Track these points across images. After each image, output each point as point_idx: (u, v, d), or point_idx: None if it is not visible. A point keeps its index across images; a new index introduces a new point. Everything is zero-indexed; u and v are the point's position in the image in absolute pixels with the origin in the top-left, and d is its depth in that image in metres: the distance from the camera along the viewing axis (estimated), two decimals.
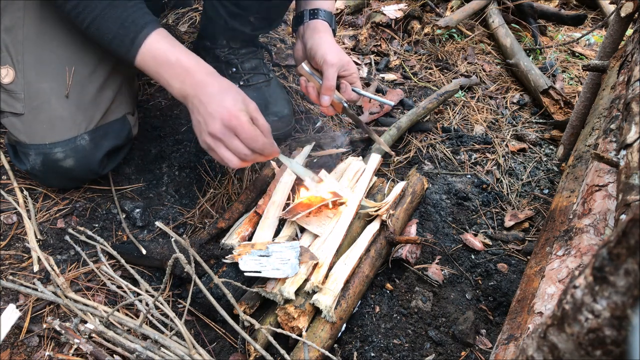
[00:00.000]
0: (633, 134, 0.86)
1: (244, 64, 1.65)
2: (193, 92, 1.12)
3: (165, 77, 1.13)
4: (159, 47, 1.12)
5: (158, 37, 1.12)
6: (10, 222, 1.27)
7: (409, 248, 1.38)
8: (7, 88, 1.21)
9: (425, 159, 1.81)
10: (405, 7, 2.59)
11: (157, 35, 1.12)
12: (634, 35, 1.41)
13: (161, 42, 1.12)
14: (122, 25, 1.10)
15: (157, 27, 1.13)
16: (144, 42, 1.11)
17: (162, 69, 1.12)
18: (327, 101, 1.33)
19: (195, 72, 1.12)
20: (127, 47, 1.11)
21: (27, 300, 1.12)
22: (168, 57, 1.12)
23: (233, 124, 1.08)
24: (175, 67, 1.12)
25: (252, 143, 1.10)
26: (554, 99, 2.13)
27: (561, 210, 1.29)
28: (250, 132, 1.09)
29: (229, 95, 1.11)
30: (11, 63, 1.20)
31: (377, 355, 1.16)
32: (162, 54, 1.12)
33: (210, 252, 1.23)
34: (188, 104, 1.14)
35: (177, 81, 1.12)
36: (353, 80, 1.37)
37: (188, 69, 1.12)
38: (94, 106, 1.25)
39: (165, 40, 1.13)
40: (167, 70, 1.12)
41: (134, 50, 1.11)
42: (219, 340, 1.16)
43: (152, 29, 1.12)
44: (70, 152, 1.23)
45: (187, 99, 1.13)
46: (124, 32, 1.10)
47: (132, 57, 1.12)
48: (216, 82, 1.13)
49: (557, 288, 0.95)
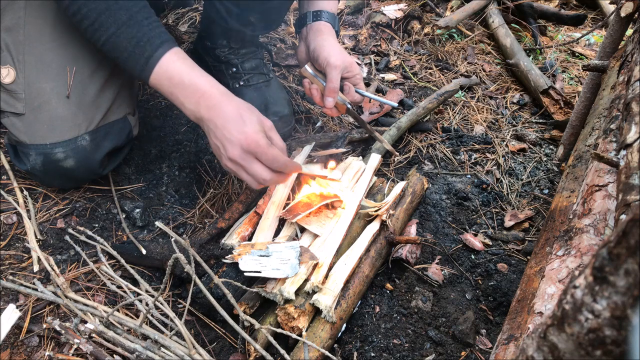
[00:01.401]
0: (633, 134, 0.86)
1: (244, 63, 1.65)
2: (208, 116, 1.10)
3: (180, 98, 1.12)
4: (174, 68, 1.11)
5: (174, 57, 1.11)
6: (10, 222, 1.27)
7: (409, 248, 1.38)
8: (7, 88, 1.21)
9: (425, 159, 1.81)
10: (405, 7, 2.59)
11: (172, 55, 1.11)
12: (634, 35, 1.41)
13: (176, 63, 1.11)
14: (138, 44, 1.08)
15: (172, 46, 1.12)
16: (159, 62, 1.09)
17: (177, 90, 1.11)
18: (331, 103, 1.33)
19: (209, 95, 1.11)
20: (142, 67, 1.10)
21: (27, 300, 1.12)
22: (182, 78, 1.10)
23: (252, 148, 1.08)
24: (190, 89, 1.10)
25: (274, 164, 1.10)
26: (554, 99, 2.13)
27: (561, 210, 1.29)
28: (271, 154, 1.09)
29: (245, 118, 1.09)
30: (12, 63, 1.20)
31: (377, 355, 1.16)
32: (177, 75, 1.10)
33: (210, 252, 1.23)
34: (203, 126, 1.13)
35: (192, 103, 1.11)
36: (356, 82, 1.37)
37: (203, 91, 1.11)
38: (94, 106, 1.25)
39: (181, 61, 1.12)
40: (181, 92, 1.11)
41: (149, 69, 1.10)
42: (219, 340, 1.16)
43: (167, 48, 1.10)
44: (71, 153, 1.23)
45: (202, 121, 1.12)
46: (139, 51, 1.09)
47: (147, 77, 1.11)
48: (231, 103, 1.11)
49: (557, 288, 0.95)
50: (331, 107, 1.34)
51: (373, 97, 1.40)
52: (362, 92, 1.37)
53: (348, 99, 1.35)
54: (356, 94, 1.36)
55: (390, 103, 1.43)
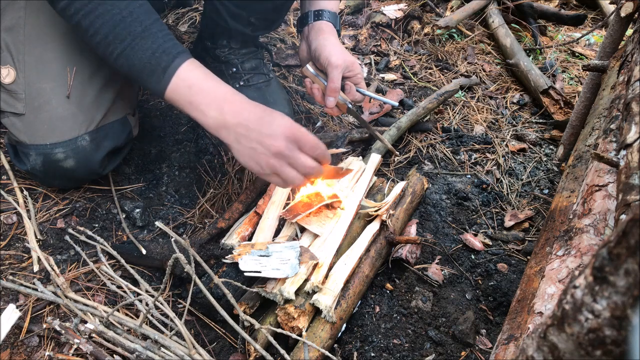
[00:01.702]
0: (633, 134, 0.86)
1: (244, 64, 1.65)
2: (235, 121, 1.06)
3: (201, 106, 1.07)
4: (194, 76, 1.07)
5: (191, 66, 1.08)
6: (10, 222, 1.27)
7: (409, 248, 1.38)
8: (8, 88, 1.21)
9: (425, 159, 1.81)
10: (405, 7, 2.59)
11: (190, 64, 1.08)
12: (634, 35, 1.41)
13: (195, 72, 1.08)
14: (153, 55, 1.05)
15: (189, 56, 1.09)
16: (177, 71, 1.06)
17: (198, 98, 1.07)
18: (332, 102, 1.32)
19: (233, 100, 1.08)
20: (159, 77, 1.06)
21: (27, 300, 1.12)
22: (202, 86, 1.07)
23: (297, 136, 1.05)
24: (212, 96, 1.07)
25: (316, 150, 1.07)
26: (554, 99, 2.13)
27: (561, 210, 1.29)
28: (313, 139, 1.07)
29: (275, 114, 1.08)
30: (12, 63, 1.20)
31: (377, 355, 1.16)
32: (197, 83, 1.07)
33: (210, 252, 1.23)
34: (230, 134, 1.07)
35: (215, 110, 1.06)
36: (357, 81, 1.37)
37: (225, 97, 1.08)
38: (95, 107, 1.25)
39: (199, 70, 1.09)
40: (203, 99, 1.07)
41: (167, 79, 1.06)
42: (219, 340, 1.16)
43: (185, 58, 1.08)
44: (71, 153, 1.23)
45: (228, 128, 1.07)
46: (156, 61, 1.05)
47: (164, 87, 1.07)
48: (257, 106, 1.09)
49: (557, 288, 0.95)
50: (332, 107, 1.33)
51: (374, 96, 1.40)
52: (363, 91, 1.37)
53: (349, 98, 1.36)
54: (357, 93, 1.36)
55: (390, 102, 1.44)
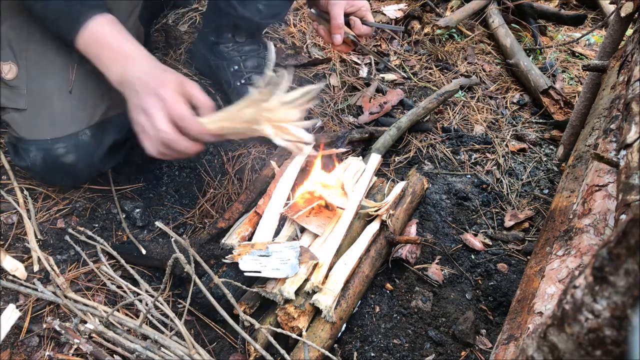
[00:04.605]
0: (633, 134, 0.86)
1: (246, 62, 1.66)
2: (131, 76, 1.08)
3: (105, 60, 1.11)
4: (103, 31, 1.10)
5: (104, 20, 1.11)
6: (10, 222, 1.27)
7: (409, 248, 1.38)
8: (10, 84, 1.20)
9: (425, 159, 1.81)
10: (405, 7, 2.59)
11: (102, 18, 1.11)
12: (634, 35, 1.41)
13: (105, 26, 1.11)
14: (69, 4, 1.09)
15: (103, 11, 1.12)
16: (89, 23, 1.09)
17: (104, 52, 1.10)
18: (338, 40, 1.35)
19: (135, 57, 1.10)
20: (70, 27, 1.09)
21: (27, 300, 1.12)
22: (110, 41, 1.10)
23: (161, 93, 1.04)
24: (117, 52, 1.10)
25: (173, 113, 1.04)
26: (554, 99, 2.13)
27: (561, 210, 1.29)
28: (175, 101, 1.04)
29: (165, 71, 1.09)
30: (14, 59, 1.20)
31: (377, 355, 1.16)
32: (105, 38, 1.10)
33: (210, 252, 1.23)
34: (126, 89, 1.10)
35: (117, 65, 1.10)
36: (362, 14, 1.38)
37: (131, 55, 1.10)
38: (96, 101, 1.25)
39: (111, 25, 1.11)
40: (108, 55, 1.10)
41: (77, 29, 1.09)
42: (219, 340, 1.16)
43: (98, 12, 1.10)
44: (72, 148, 1.22)
45: (125, 84, 1.10)
46: (69, 10, 1.09)
47: (74, 37, 1.10)
48: (156, 66, 1.11)
49: (557, 288, 0.95)
50: (339, 44, 1.36)
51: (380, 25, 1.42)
52: (369, 22, 1.39)
53: (355, 32, 1.37)
54: (363, 26, 1.38)
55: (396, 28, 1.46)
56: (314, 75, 2.06)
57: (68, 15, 1.10)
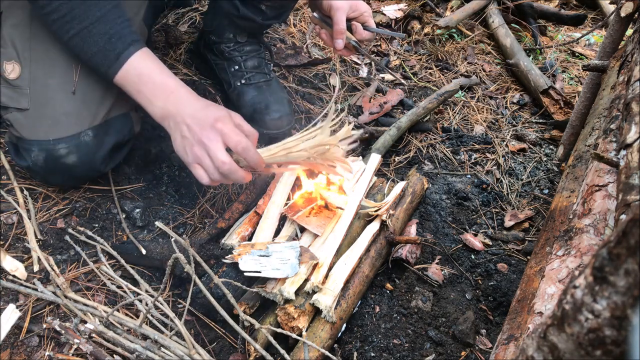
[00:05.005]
0: (633, 134, 0.86)
1: (247, 62, 1.66)
2: (176, 110, 1.12)
3: (148, 95, 1.13)
4: (145, 66, 1.13)
5: (144, 55, 1.13)
6: (10, 222, 1.27)
7: (409, 248, 1.38)
8: (12, 83, 1.20)
9: (425, 159, 1.81)
10: (405, 7, 2.59)
11: (142, 53, 1.13)
12: (634, 35, 1.41)
13: (147, 61, 1.13)
14: (109, 40, 1.10)
15: (143, 45, 1.14)
16: (130, 58, 1.11)
17: (146, 87, 1.13)
18: (340, 45, 1.37)
19: (178, 92, 1.14)
20: (111, 62, 1.12)
21: (27, 300, 1.12)
22: (152, 76, 1.13)
23: (220, 127, 1.09)
24: (159, 86, 1.13)
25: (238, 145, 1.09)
26: (554, 99, 2.13)
27: (561, 210, 1.29)
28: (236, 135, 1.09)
29: (212, 106, 1.13)
30: (17, 58, 1.20)
31: (377, 355, 1.16)
32: (147, 72, 1.13)
33: (210, 252, 1.23)
34: (170, 122, 1.14)
35: (160, 100, 1.13)
36: (364, 19, 1.40)
37: (173, 89, 1.13)
38: (98, 102, 1.25)
39: (150, 60, 1.14)
40: (151, 89, 1.13)
41: (118, 66, 1.12)
42: (219, 340, 1.16)
43: (138, 47, 1.13)
44: (74, 148, 1.22)
45: (169, 118, 1.14)
46: (110, 47, 1.10)
47: (114, 73, 1.12)
48: (198, 99, 1.15)
49: (557, 288, 0.95)
50: (341, 48, 1.38)
51: (380, 31, 1.43)
52: (371, 28, 1.40)
53: (356, 38, 1.39)
54: (365, 31, 1.40)
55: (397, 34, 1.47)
56: (314, 75, 2.06)
57: (108, 52, 1.11)
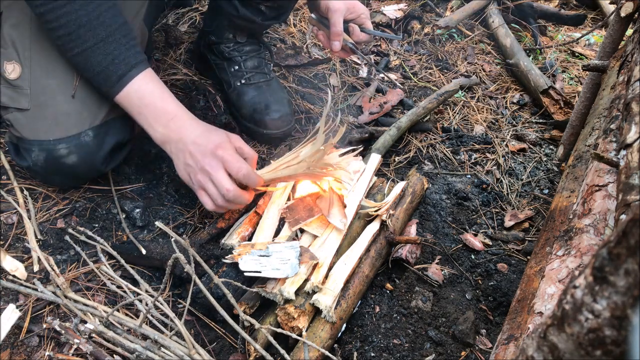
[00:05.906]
0: (633, 134, 0.86)
1: (247, 62, 1.66)
2: (177, 136, 1.13)
3: (149, 119, 1.14)
4: (146, 89, 1.14)
5: (147, 78, 1.14)
6: (10, 222, 1.27)
7: (409, 248, 1.38)
8: (13, 84, 1.20)
9: (425, 159, 1.81)
10: (405, 7, 2.59)
11: (145, 76, 1.14)
12: (634, 35, 1.41)
13: (149, 84, 1.14)
14: (113, 62, 1.11)
15: (146, 67, 1.15)
16: (132, 81, 1.12)
17: (147, 110, 1.14)
18: (337, 46, 1.39)
19: (180, 117, 1.15)
20: (113, 83, 1.13)
21: (27, 300, 1.12)
22: (153, 100, 1.14)
23: (221, 154, 1.10)
24: (160, 111, 1.14)
25: (238, 172, 1.12)
26: (554, 99, 2.13)
27: (561, 210, 1.29)
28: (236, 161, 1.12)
29: (212, 133, 1.14)
30: (18, 59, 1.20)
31: (377, 355, 1.16)
32: (148, 96, 1.13)
33: (210, 252, 1.23)
34: (171, 147, 1.15)
35: (161, 125, 1.14)
36: (361, 21, 1.41)
37: (174, 114, 1.14)
38: (99, 102, 1.25)
39: (153, 83, 1.15)
40: (151, 112, 1.14)
41: (119, 87, 1.12)
42: (219, 340, 1.16)
43: (142, 69, 1.14)
44: (74, 149, 1.22)
45: (170, 143, 1.15)
46: (113, 68, 1.11)
47: (115, 93, 1.13)
48: (200, 124, 1.16)
49: (557, 288, 0.95)
50: (338, 50, 1.39)
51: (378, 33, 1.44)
52: (368, 30, 1.41)
53: (353, 40, 1.39)
54: (362, 33, 1.40)
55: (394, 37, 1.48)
56: (314, 75, 2.06)
57: (110, 74, 1.12)
